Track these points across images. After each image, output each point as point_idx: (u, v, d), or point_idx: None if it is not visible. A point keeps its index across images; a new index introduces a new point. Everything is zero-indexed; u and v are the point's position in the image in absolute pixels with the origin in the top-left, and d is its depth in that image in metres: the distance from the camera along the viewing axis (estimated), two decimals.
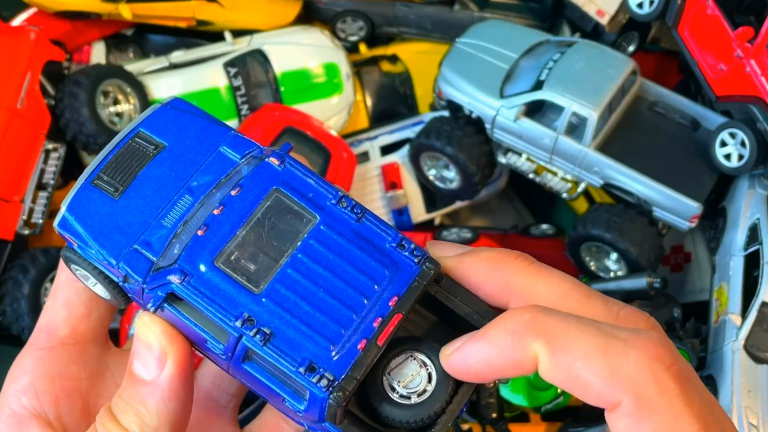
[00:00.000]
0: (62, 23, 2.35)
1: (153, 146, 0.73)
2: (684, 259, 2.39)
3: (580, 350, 0.59)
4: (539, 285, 0.66)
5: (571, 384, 0.60)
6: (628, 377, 0.58)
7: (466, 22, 2.54)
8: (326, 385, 0.61)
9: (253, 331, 0.63)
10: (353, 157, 2.37)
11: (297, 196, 0.69)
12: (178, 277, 0.65)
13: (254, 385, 0.68)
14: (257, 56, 2.43)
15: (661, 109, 2.24)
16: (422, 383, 0.65)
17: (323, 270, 0.66)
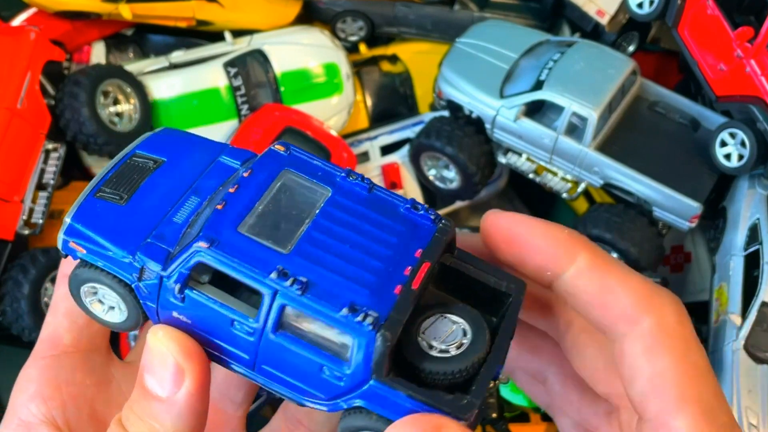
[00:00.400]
0: (62, 23, 2.35)
1: (152, 162, 0.73)
2: (684, 259, 2.39)
3: (618, 270, 0.67)
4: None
5: (598, 296, 0.66)
6: (654, 305, 0.65)
7: (466, 22, 2.54)
8: (372, 323, 0.60)
9: (289, 281, 0.62)
10: (353, 157, 2.37)
11: (307, 175, 0.70)
12: (206, 242, 0.64)
13: (285, 368, 0.66)
14: (257, 56, 2.43)
15: (661, 109, 2.24)
16: (458, 337, 0.65)
17: (345, 230, 0.66)
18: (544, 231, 0.68)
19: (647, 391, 0.63)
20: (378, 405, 0.63)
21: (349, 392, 0.64)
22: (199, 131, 2.35)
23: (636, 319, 0.64)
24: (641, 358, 0.64)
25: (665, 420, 0.62)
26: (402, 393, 0.62)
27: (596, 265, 0.67)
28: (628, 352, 0.64)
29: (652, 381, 0.63)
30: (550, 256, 0.68)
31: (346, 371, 0.63)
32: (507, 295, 0.69)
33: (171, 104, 2.33)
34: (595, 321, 0.68)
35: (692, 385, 0.62)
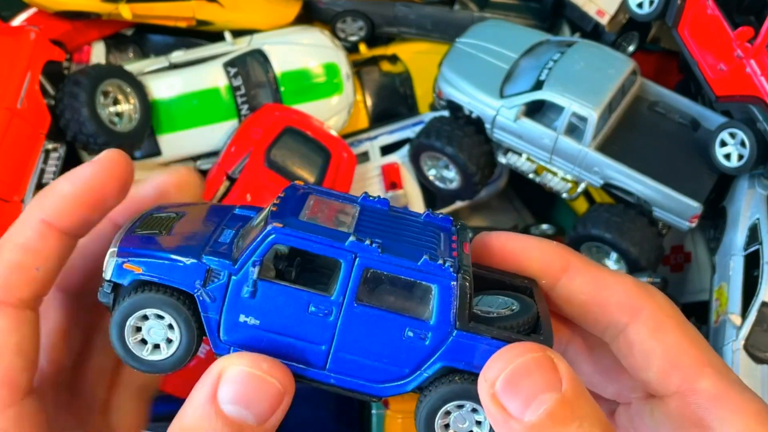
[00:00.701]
0: (62, 23, 2.35)
1: (174, 213, 0.76)
2: (684, 259, 2.39)
3: (607, 271, 0.73)
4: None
5: (595, 294, 0.71)
6: (647, 294, 0.70)
7: (466, 22, 2.54)
8: (452, 266, 0.64)
9: (368, 241, 0.65)
10: (353, 157, 2.37)
11: (332, 198, 0.74)
12: (280, 221, 0.66)
13: (365, 347, 0.67)
14: (257, 56, 2.43)
15: (661, 109, 2.24)
16: (508, 304, 0.71)
17: (388, 223, 0.71)
18: (536, 244, 0.74)
19: (665, 367, 0.68)
20: (464, 359, 0.65)
21: (433, 352, 0.66)
22: (199, 131, 2.36)
23: (636, 308, 0.70)
24: (651, 340, 0.69)
25: (690, 386, 0.67)
26: (488, 337, 0.64)
27: (588, 268, 0.72)
28: (636, 338, 0.69)
29: (667, 356, 0.68)
30: (545, 265, 0.73)
31: (429, 325, 0.66)
32: (524, 289, 0.73)
33: (171, 104, 2.33)
34: (593, 319, 0.71)
35: (701, 352, 0.69)
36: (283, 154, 2.26)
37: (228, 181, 2.24)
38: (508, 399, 0.59)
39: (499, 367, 0.60)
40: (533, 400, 0.58)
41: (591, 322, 0.72)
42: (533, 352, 0.60)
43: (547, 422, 0.57)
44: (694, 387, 0.67)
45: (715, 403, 0.66)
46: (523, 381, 0.59)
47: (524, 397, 0.58)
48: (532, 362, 0.59)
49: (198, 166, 2.41)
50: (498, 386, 0.59)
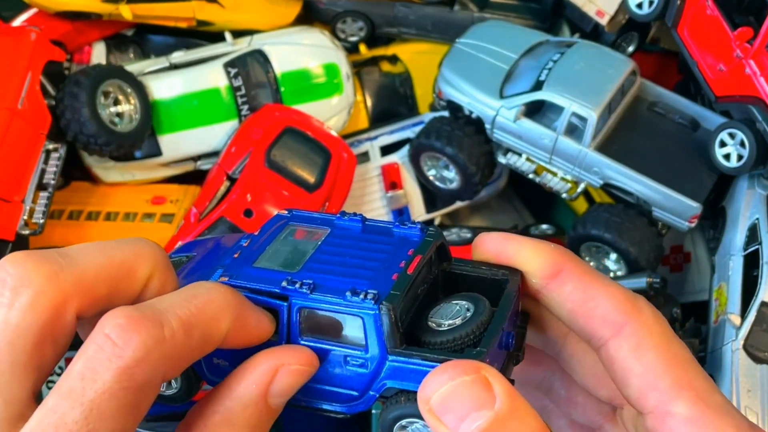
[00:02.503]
0: (63, 23, 2.35)
1: (186, 257, 0.83)
2: (683, 259, 2.40)
3: (599, 280, 0.71)
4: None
5: (581, 302, 0.70)
6: (633, 309, 0.69)
7: (466, 22, 2.54)
8: (373, 298, 0.67)
9: (297, 284, 0.69)
10: (353, 157, 2.37)
11: (308, 223, 0.78)
12: (226, 275, 0.71)
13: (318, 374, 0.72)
14: (257, 56, 2.43)
15: (660, 110, 2.24)
16: (462, 313, 0.71)
17: (344, 250, 0.74)
18: (531, 245, 0.73)
19: (642, 387, 0.67)
20: (404, 380, 0.68)
21: (375, 376, 0.70)
22: (200, 131, 2.36)
23: (620, 323, 0.69)
24: (630, 358, 0.68)
25: (665, 408, 0.66)
26: (417, 359, 0.67)
27: (579, 275, 0.71)
28: (616, 355, 0.68)
29: (644, 376, 0.67)
30: (538, 267, 0.72)
31: (366, 355, 0.69)
32: (505, 282, 0.74)
33: (171, 104, 2.33)
34: (578, 328, 0.71)
35: (681, 373, 0.67)
36: (284, 155, 2.26)
37: (228, 181, 2.25)
38: (443, 415, 0.61)
39: (432, 387, 0.61)
40: (466, 418, 0.59)
41: (577, 330, 0.72)
42: (466, 374, 0.61)
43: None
44: (669, 410, 0.66)
45: (688, 427, 0.65)
46: (456, 401, 0.60)
47: (457, 414, 0.60)
48: (464, 384, 0.61)
49: (198, 166, 2.42)
50: (432, 404, 0.61)
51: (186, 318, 0.61)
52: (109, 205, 2.33)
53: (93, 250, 0.64)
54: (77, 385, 0.55)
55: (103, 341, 0.56)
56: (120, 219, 2.30)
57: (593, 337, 0.70)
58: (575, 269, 0.71)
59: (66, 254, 0.62)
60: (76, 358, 0.56)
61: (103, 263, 0.63)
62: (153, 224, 2.29)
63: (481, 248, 0.76)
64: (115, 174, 2.37)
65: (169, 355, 0.59)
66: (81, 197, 2.35)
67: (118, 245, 0.66)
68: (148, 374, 0.57)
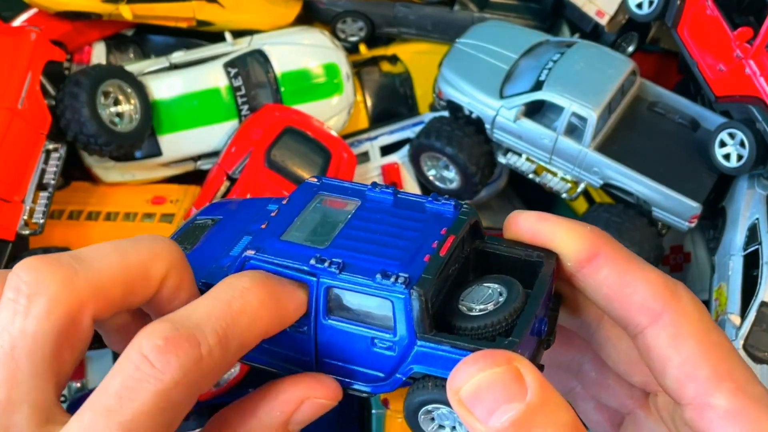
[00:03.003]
0: (63, 24, 2.35)
1: (210, 221, 0.82)
2: (683, 259, 2.40)
3: (636, 265, 0.69)
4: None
5: (618, 287, 0.68)
6: (672, 296, 0.67)
7: (466, 22, 2.55)
8: (404, 282, 0.65)
9: (326, 263, 0.67)
10: (353, 157, 2.37)
11: (338, 193, 0.76)
12: (252, 249, 0.70)
13: (344, 354, 0.71)
14: (257, 56, 2.43)
15: (660, 110, 2.24)
16: (494, 297, 0.70)
17: (375, 225, 0.72)
18: (567, 226, 0.71)
19: (681, 377, 0.66)
20: (432, 366, 0.67)
21: (402, 360, 0.68)
22: (200, 131, 2.36)
23: (657, 311, 0.67)
24: (668, 348, 0.66)
25: (704, 400, 0.64)
26: (447, 346, 0.66)
27: (616, 259, 0.69)
28: (653, 344, 0.67)
29: (683, 367, 0.65)
30: (573, 249, 0.70)
31: (394, 338, 0.68)
32: (540, 264, 0.72)
33: (171, 104, 2.33)
34: (614, 315, 0.69)
35: (721, 363, 0.65)
36: (284, 155, 2.26)
37: (228, 181, 2.25)
38: (473, 406, 0.60)
39: (462, 378, 0.60)
40: (497, 410, 0.59)
41: (613, 316, 0.70)
42: (497, 365, 0.60)
43: (510, 429, 0.58)
44: (707, 401, 0.64)
45: (728, 420, 0.64)
46: (487, 393, 0.59)
47: (487, 406, 0.59)
48: (495, 375, 0.60)
49: (198, 166, 2.42)
50: (462, 395, 0.60)
51: (223, 332, 0.60)
52: (109, 205, 2.33)
53: (108, 252, 0.63)
54: (114, 403, 0.54)
55: (140, 361, 0.56)
56: (120, 219, 2.30)
57: (630, 324, 0.68)
58: (612, 253, 0.69)
59: (80, 258, 0.61)
60: (112, 375, 0.56)
61: (118, 265, 0.62)
62: (153, 224, 2.29)
63: (514, 227, 0.74)
64: (115, 174, 2.37)
65: (207, 373, 0.59)
66: (81, 197, 2.35)
67: (134, 245, 0.65)
68: (186, 394, 0.57)
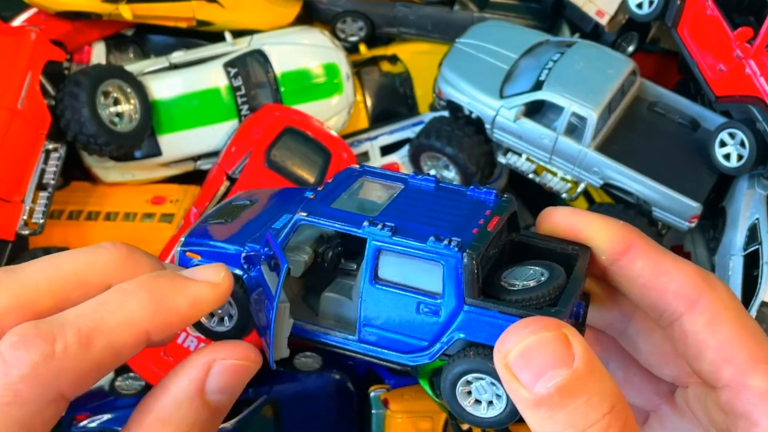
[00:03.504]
0: (62, 23, 2.35)
1: (248, 201, 0.85)
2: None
3: (670, 256, 0.71)
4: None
5: (654, 279, 0.70)
6: (707, 284, 0.70)
7: (466, 22, 2.55)
8: (457, 246, 0.67)
9: (379, 225, 0.69)
10: (353, 157, 2.37)
11: (381, 178, 0.80)
12: (304, 211, 0.72)
13: (386, 321, 0.72)
14: (257, 56, 2.43)
15: (660, 110, 2.24)
16: (537, 276, 0.72)
17: (421, 203, 0.75)
18: (601, 221, 0.74)
19: (717, 361, 0.68)
20: (477, 333, 0.68)
21: (447, 327, 0.70)
22: (200, 131, 2.36)
23: (694, 297, 0.69)
24: (705, 332, 0.68)
25: (741, 381, 0.67)
26: (495, 311, 0.67)
27: (649, 251, 0.72)
28: (690, 329, 0.69)
29: (720, 350, 0.68)
30: (608, 243, 0.72)
31: (440, 301, 0.69)
32: (575, 257, 0.74)
33: (171, 104, 2.33)
34: (650, 304, 0.72)
35: (757, 347, 0.68)
36: (284, 154, 2.26)
37: (228, 181, 2.25)
38: (520, 371, 0.61)
39: (512, 341, 0.61)
40: (544, 375, 0.60)
41: (648, 306, 0.72)
42: (548, 330, 0.61)
43: (556, 395, 0.59)
44: (745, 382, 0.67)
45: (765, 400, 0.66)
46: (535, 356, 0.60)
47: (535, 371, 0.60)
48: (545, 339, 0.61)
49: (198, 166, 2.42)
50: (510, 359, 0.61)
51: (86, 330, 0.59)
52: (109, 205, 2.33)
53: (41, 263, 0.64)
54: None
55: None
56: (120, 219, 2.30)
57: (666, 311, 0.70)
58: (645, 245, 0.72)
59: (10, 270, 0.63)
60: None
61: (47, 275, 0.63)
62: (153, 224, 2.29)
63: (548, 221, 0.76)
64: (115, 174, 2.37)
65: (62, 369, 0.58)
66: (81, 197, 2.35)
67: (72, 254, 0.65)
68: (37, 390, 0.57)
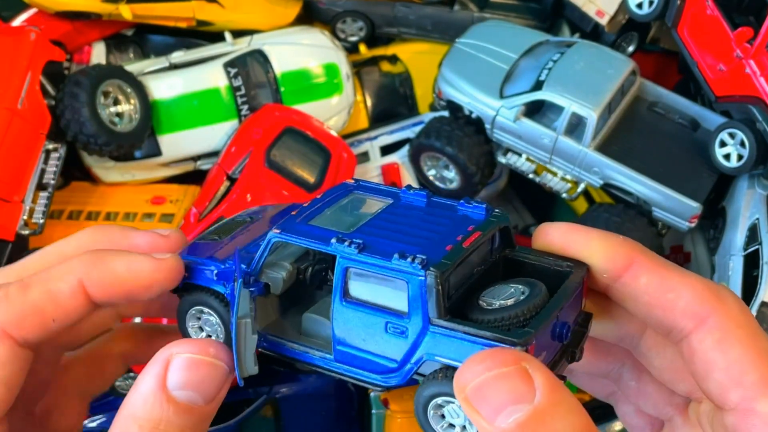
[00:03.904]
0: (62, 23, 2.35)
1: (249, 218, 0.86)
2: (684, 259, 2.39)
3: (676, 271, 0.68)
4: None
5: (659, 296, 0.67)
6: (717, 300, 0.66)
7: (466, 22, 2.55)
8: (421, 263, 0.65)
9: (346, 242, 0.68)
10: (353, 157, 2.37)
11: (373, 193, 0.79)
12: (278, 229, 0.73)
13: (357, 339, 0.71)
14: (257, 56, 2.43)
15: (660, 110, 2.24)
16: (516, 295, 0.70)
17: (402, 219, 0.74)
18: (600, 238, 0.71)
19: (725, 382, 0.65)
20: (443, 354, 0.67)
21: (415, 347, 0.68)
22: (200, 131, 2.36)
23: (703, 315, 0.66)
24: (713, 351, 0.65)
25: (750, 405, 0.64)
26: (459, 332, 0.65)
27: (654, 267, 0.68)
28: (699, 347, 0.66)
29: (729, 371, 0.65)
30: (608, 259, 0.69)
31: (406, 320, 0.68)
32: (568, 274, 0.72)
33: (171, 104, 2.33)
34: (656, 321, 0.69)
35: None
36: (284, 154, 2.26)
37: (228, 181, 2.25)
38: (479, 405, 0.59)
39: (469, 376, 0.60)
40: (504, 410, 0.58)
41: (655, 323, 0.69)
42: (504, 365, 0.59)
43: (517, 430, 0.58)
44: (753, 407, 0.63)
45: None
46: (492, 392, 0.59)
47: (494, 407, 0.59)
48: (502, 375, 0.59)
49: (198, 166, 2.42)
50: (468, 392, 0.60)
51: (27, 280, 0.69)
52: (108, 205, 2.33)
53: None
54: None
55: None
56: (120, 219, 2.30)
57: (673, 329, 0.68)
58: (647, 261, 0.69)
59: (7, 268, 0.74)
60: None
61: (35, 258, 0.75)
62: (153, 224, 2.29)
63: (545, 238, 0.74)
64: (115, 174, 2.37)
65: (5, 311, 0.67)
66: (81, 197, 2.35)
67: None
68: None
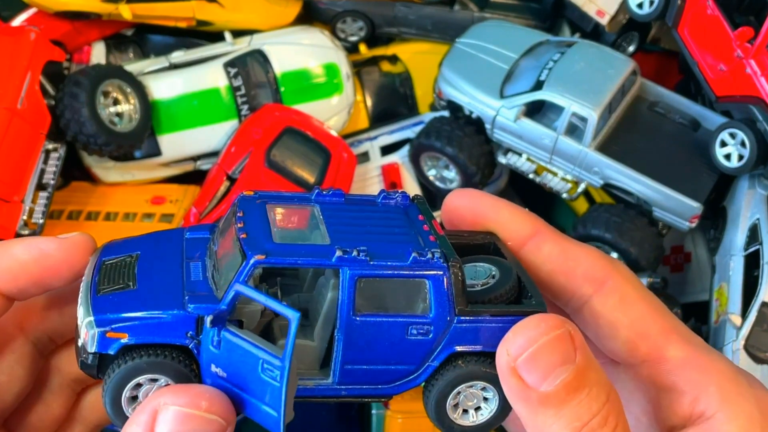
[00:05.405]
0: (62, 23, 2.35)
1: (128, 257, 0.73)
2: (684, 259, 2.39)
3: (573, 242, 0.73)
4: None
5: (561, 261, 0.72)
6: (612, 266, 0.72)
7: (466, 22, 2.54)
8: (440, 257, 0.65)
9: (353, 252, 0.64)
10: (353, 157, 2.37)
11: (286, 201, 0.75)
12: (261, 254, 0.64)
13: (371, 353, 0.66)
14: (257, 56, 2.43)
15: (661, 110, 2.24)
16: (488, 273, 0.71)
17: (354, 220, 0.70)
18: (506, 206, 0.76)
19: (632, 337, 0.71)
20: (467, 342, 0.67)
21: (437, 344, 0.67)
22: (200, 131, 2.36)
23: (600, 279, 0.72)
24: (616, 312, 0.71)
25: (659, 354, 0.70)
26: (488, 316, 0.66)
27: (556, 237, 0.74)
28: (602, 309, 0.71)
29: (634, 327, 0.71)
30: (514, 228, 0.74)
31: (429, 319, 0.66)
32: (487, 246, 0.74)
33: (171, 104, 2.33)
34: (560, 287, 0.73)
35: (667, 321, 0.71)
36: (283, 154, 2.26)
37: (228, 181, 2.24)
38: (528, 372, 0.62)
39: (521, 344, 0.62)
40: (551, 374, 0.61)
41: (556, 290, 0.74)
42: (556, 329, 0.62)
43: (563, 392, 0.61)
44: (663, 355, 0.69)
45: (685, 367, 0.68)
46: (546, 356, 0.62)
47: (543, 371, 0.62)
48: (555, 339, 0.62)
49: (198, 166, 2.41)
50: (520, 361, 0.62)
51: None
52: (108, 205, 2.33)
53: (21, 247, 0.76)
54: None
55: None
56: (120, 219, 2.30)
57: (575, 295, 0.72)
58: (549, 233, 0.74)
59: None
60: None
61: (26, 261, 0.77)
62: (153, 224, 2.28)
63: (456, 206, 0.76)
64: (114, 174, 2.37)
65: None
66: (81, 197, 2.35)
67: None
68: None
